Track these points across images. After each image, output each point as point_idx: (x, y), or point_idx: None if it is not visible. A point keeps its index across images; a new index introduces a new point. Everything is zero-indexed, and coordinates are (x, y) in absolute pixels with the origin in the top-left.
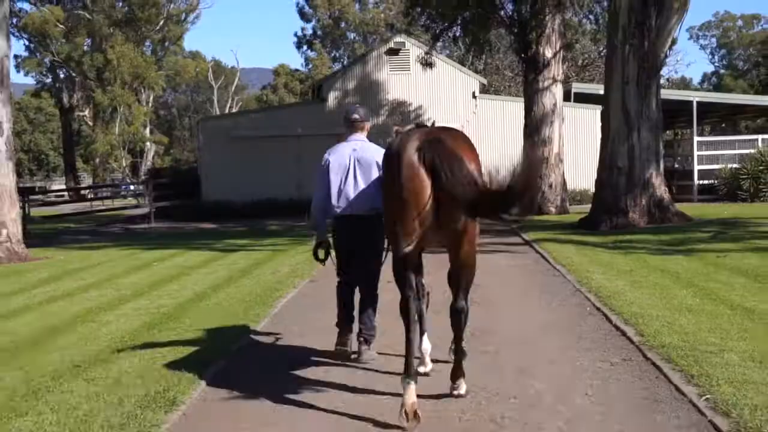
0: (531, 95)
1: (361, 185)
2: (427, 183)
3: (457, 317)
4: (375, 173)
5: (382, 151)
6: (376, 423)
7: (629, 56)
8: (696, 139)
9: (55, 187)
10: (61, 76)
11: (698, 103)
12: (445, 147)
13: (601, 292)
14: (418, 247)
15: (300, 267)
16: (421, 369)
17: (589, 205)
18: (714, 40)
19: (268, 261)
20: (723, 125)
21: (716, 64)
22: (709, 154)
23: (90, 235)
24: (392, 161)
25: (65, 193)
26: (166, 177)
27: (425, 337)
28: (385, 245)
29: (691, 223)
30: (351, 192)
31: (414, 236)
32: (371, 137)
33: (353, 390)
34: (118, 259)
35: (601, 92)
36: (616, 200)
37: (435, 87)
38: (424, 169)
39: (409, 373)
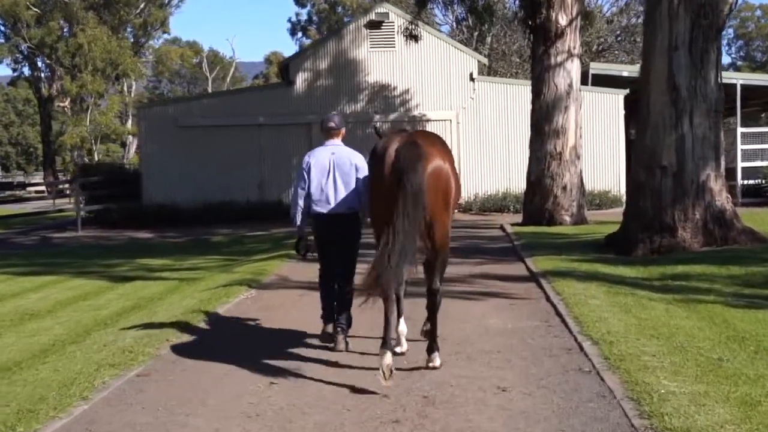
0: (540, 74)
1: (340, 187)
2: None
3: (432, 298)
4: (353, 175)
5: (357, 153)
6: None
7: (679, 9)
8: (740, 130)
9: (34, 182)
10: (40, 64)
11: (743, 87)
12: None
13: None
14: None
15: (157, 335)
16: (398, 349)
17: (610, 211)
18: (731, 30)
19: (149, 304)
20: (763, 114)
21: (733, 55)
22: (754, 149)
23: None
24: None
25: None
26: (100, 175)
27: (402, 320)
28: (361, 239)
29: (766, 245)
30: (331, 193)
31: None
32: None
33: None
34: None
35: (625, 74)
36: (660, 212)
37: (425, 67)
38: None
39: (386, 345)
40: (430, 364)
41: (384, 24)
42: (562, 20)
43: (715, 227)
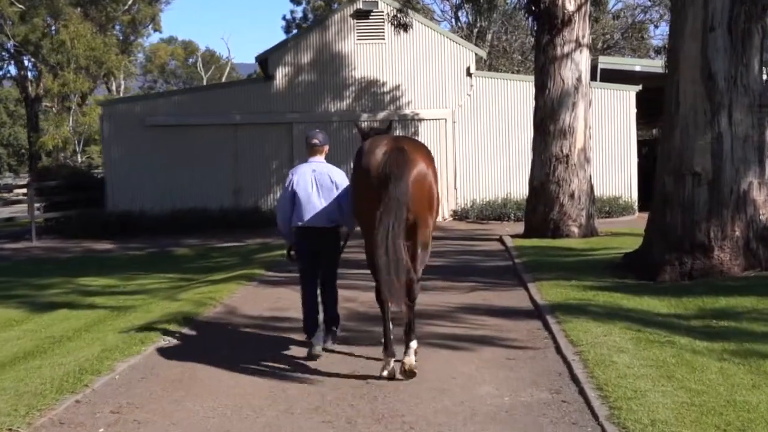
0: (545, 65)
1: (322, 201)
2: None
3: (410, 287)
4: (333, 190)
5: (338, 169)
6: None
7: None
8: None
9: (21, 184)
10: (26, 62)
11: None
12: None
13: None
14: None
15: (13, 411)
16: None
17: (621, 219)
18: None
19: (51, 347)
20: None
21: None
22: None
23: None
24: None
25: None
26: (59, 179)
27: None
28: (342, 248)
29: None
30: (313, 207)
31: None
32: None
33: None
34: None
35: (638, 68)
36: (691, 228)
37: (417, 60)
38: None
39: (387, 350)
40: (405, 361)
41: (372, 13)
42: (570, 5)
43: (759, 247)
